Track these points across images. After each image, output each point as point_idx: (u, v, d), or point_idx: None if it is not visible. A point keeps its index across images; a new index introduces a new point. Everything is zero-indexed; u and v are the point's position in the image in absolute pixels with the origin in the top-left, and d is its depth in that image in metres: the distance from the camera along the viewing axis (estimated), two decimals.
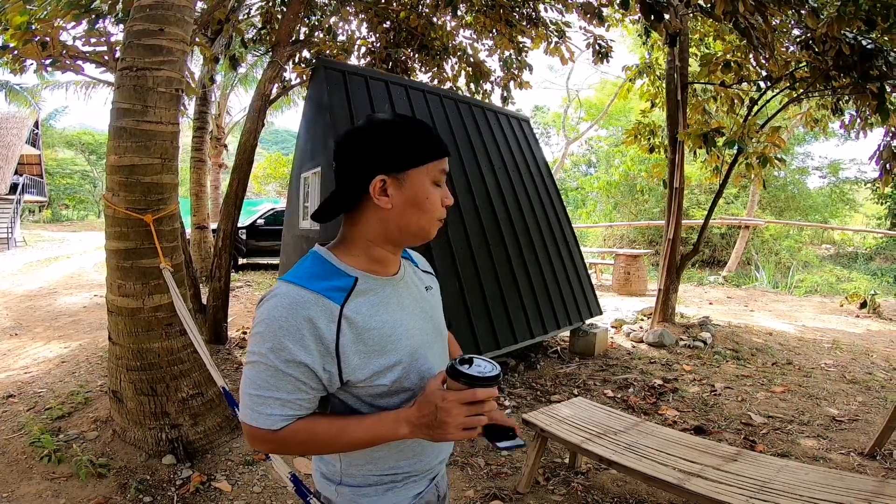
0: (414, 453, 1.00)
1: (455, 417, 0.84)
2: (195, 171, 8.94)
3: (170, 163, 2.83)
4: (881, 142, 5.17)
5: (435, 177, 0.93)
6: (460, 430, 0.85)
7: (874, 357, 5.58)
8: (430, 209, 0.93)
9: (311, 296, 0.86)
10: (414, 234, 0.94)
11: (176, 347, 2.95)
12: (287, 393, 0.86)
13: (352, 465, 0.99)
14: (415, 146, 0.91)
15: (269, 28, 6.33)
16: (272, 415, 0.86)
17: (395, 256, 0.99)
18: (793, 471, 2.15)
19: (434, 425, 0.85)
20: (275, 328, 0.84)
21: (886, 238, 15.06)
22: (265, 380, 0.86)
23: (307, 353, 0.85)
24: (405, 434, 0.88)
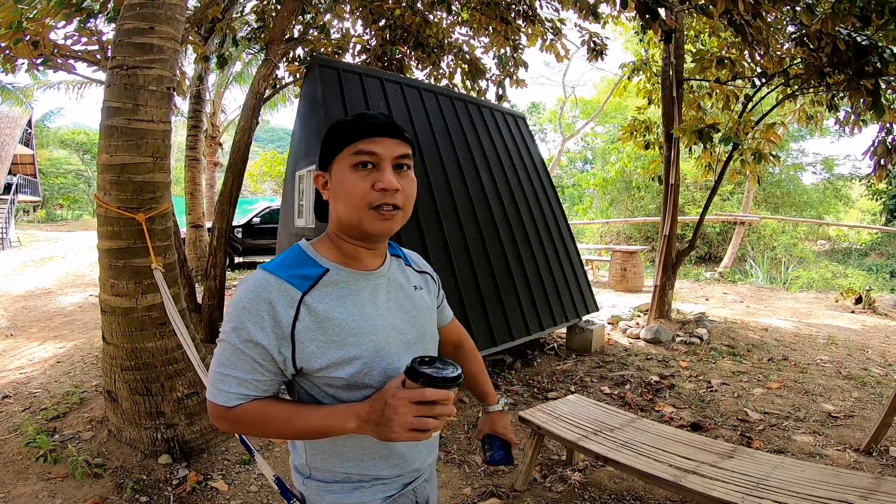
0: (381, 455, 0.98)
1: (402, 416, 0.81)
2: (190, 170, 8.89)
3: (162, 161, 2.81)
4: (875, 137, 5.19)
5: (350, 161, 0.90)
6: (406, 430, 0.82)
7: (870, 353, 5.60)
8: (347, 196, 0.90)
9: (275, 280, 0.89)
10: (348, 223, 0.93)
11: (170, 347, 2.93)
12: (244, 372, 0.88)
13: (317, 459, 0.99)
14: (333, 137, 0.93)
15: (262, 26, 6.30)
16: (228, 392, 0.89)
17: (370, 252, 0.98)
18: (789, 467, 2.15)
19: (381, 422, 0.84)
20: (238, 309, 0.88)
21: (881, 234, 15.12)
22: (227, 358, 0.89)
23: (264, 334, 0.87)
24: (353, 428, 0.87)
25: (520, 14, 6.42)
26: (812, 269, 12.43)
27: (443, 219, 4.56)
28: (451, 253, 4.46)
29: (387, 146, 0.91)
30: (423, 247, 4.29)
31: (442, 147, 4.98)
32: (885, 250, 14.84)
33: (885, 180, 5.38)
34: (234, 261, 11.23)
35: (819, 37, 4.18)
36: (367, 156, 0.90)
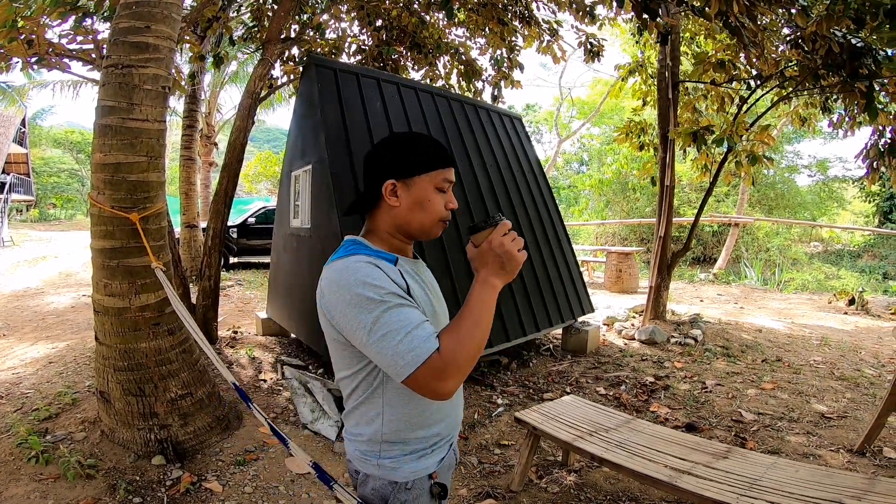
0: (446, 414, 1.18)
1: (511, 246, 1.02)
2: (184, 170, 8.85)
3: (156, 161, 2.80)
4: (868, 140, 5.22)
5: (438, 183, 1.11)
6: (519, 253, 1.03)
7: (862, 354, 5.63)
8: (431, 210, 1.11)
9: (366, 258, 1.04)
10: (417, 230, 1.13)
11: (164, 347, 2.91)
12: (416, 317, 0.99)
13: (392, 431, 1.12)
14: (422, 156, 1.10)
15: (259, 26, 6.28)
16: (426, 340, 0.96)
17: (409, 247, 1.19)
18: (782, 468, 2.16)
19: (506, 261, 1.02)
20: (354, 293, 0.98)
21: (874, 235, 15.23)
22: (391, 320, 0.97)
23: (390, 291, 0.99)
24: (497, 283, 1.03)
25: (516, 15, 6.43)
26: (805, 270, 12.50)
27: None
28: (447, 253, 4.45)
29: (453, 175, 1.16)
30: (419, 247, 4.29)
31: None
32: (877, 252, 14.95)
33: (878, 183, 5.40)
34: (229, 261, 11.19)
35: (814, 39, 4.20)
36: (448, 183, 1.13)
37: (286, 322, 5.22)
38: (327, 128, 4.15)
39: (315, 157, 4.37)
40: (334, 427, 3.39)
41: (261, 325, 5.66)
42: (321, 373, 4.39)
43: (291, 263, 5.07)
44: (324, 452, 3.17)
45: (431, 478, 1.16)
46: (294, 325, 5.01)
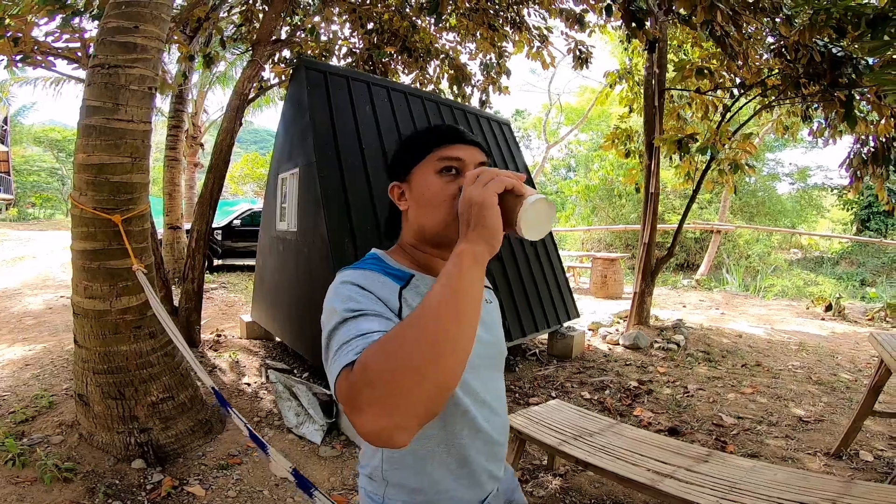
0: (454, 468, 0.94)
1: (472, 190, 0.77)
2: (169, 170, 8.74)
3: (140, 162, 2.77)
4: (850, 149, 5.34)
5: (435, 166, 0.91)
6: (488, 187, 0.76)
7: (839, 359, 5.75)
8: (435, 200, 0.90)
9: (371, 273, 0.88)
10: (434, 230, 0.92)
11: (144, 350, 2.88)
12: (365, 328, 0.74)
13: (393, 471, 0.94)
14: (412, 147, 0.95)
15: (249, 27, 6.25)
16: (349, 352, 0.71)
17: (438, 261, 0.97)
18: (761, 471, 2.20)
19: (468, 214, 0.76)
20: (329, 305, 0.83)
21: (852, 243, 15.59)
22: (339, 338, 0.75)
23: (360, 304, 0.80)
24: (464, 248, 0.73)
25: (507, 21, 6.49)
26: (785, 277, 12.74)
27: None
28: None
29: (469, 152, 0.93)
30: None
31: None
32: (855, 259, 15.31)
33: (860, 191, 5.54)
34: (213, 263, 11.06)
35: (796, 48, 4.29)
36: (454, 161, 0.91)
37: (271, 325, 5.17)
38: (316, 131, 4.14)
39: (303, 160, 4.35)
40: (320, 431, 3.37)
41: (245, 329, 5.60)
42: (306, 376, 4.36)
43: (277, 266, 5.03)
44: (308, 456, 3.14)
45: None
46: (279, 328, 4.97)
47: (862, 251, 15.30)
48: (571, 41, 6.45)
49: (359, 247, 3.95)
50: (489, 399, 0.98)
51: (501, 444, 1.02)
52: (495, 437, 0.99)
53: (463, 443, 0.94)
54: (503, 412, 1.05)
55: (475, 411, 0.94)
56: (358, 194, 4.18)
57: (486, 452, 0.98)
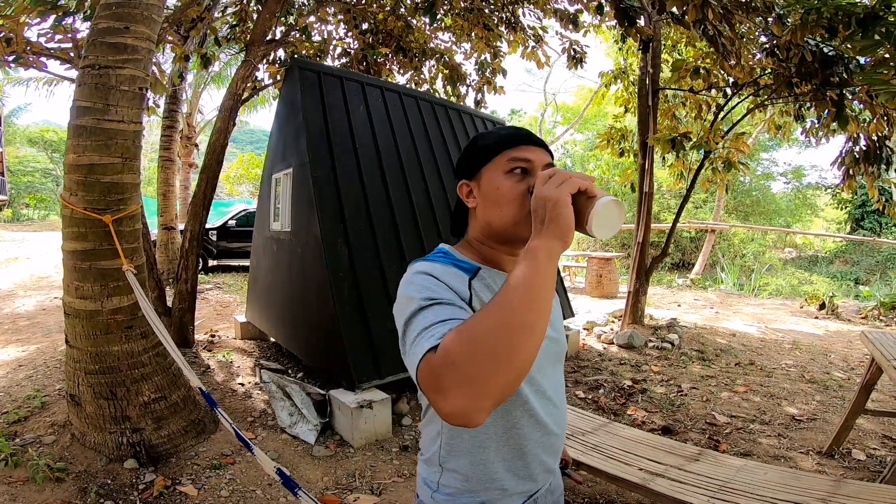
0: (508, 459, 0.97)
1: (547, 188, 0.79)
2: (163, 171, 8.72)
3: (131, 162, 2.77)
4: (843, 148, 5.36)
5: (504, 167, 0.95)
6: (562, 188, 0.78)
7: (832, 357, 5.78)
8: (504, 200, 0.93)
9: (441, 266, 0.91)
10: (502, 228, 0.95)
11: (136, 350, 2.89)
12: (446, 315, 0.78)
13: (451, 457, 0.98)
14: (482, 146, 0.99)
15: (243, 27, 6.23)
16: (430, 337, 0.73)
17: (510, 257, 1.00)
18: (752, 470, 2.21)
19: (542, 211, 0.78)
20: (405, 293, 0.86)
21: (846, 242, 15.67)
22: (417, 325, 0.78)
23: (436, 293, 0.83)
24: (538, 244, 0.76)
25: (503, 21, 6.50)
26: (780, 276, 12.80)
27: (420, 222, 4.57)
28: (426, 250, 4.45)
29: (537, 154, 0.97)
30: (399, 249, 4.29)
31: (421, 151, 5.00)
32: (849, 258, 15.39)
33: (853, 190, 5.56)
34: (208, 264, 11.03)
35: (788, 47, 4.30)
36: (523, 162, 0.94)
37: (266, 326, 5.16)
38: (309, 131, 4.14)
39: (296, 161, 4.34)
40: (313, 431, 3.36)
41: (239, 329, 5.59)
42: (300, 377, 4.35)
43: (271, 267, 5.02)
44: (302, 456, 3.14)
45: None
46: (274, 328, 4.96)
47: (856, 250, 15.38)
48: (566, 41, 6.46)
49: (352, 246, 3.95)
50: (549, 391, 1.02)
51: (558, 437, 1.05)
52: (553, 429, 1.02)
53: (521, 433, 0.97)
54: (562, 405, 1.08)
55: (535, 402, 0.97)
56: (351, 194, 4.18)
57: (543, 444, 1.01)
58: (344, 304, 3.73)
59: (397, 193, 4.55)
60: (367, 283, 3.93)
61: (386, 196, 4.44)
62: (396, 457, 3.17)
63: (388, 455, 3.18)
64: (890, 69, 3.59)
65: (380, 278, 4.05)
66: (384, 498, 2.72)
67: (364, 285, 3.90)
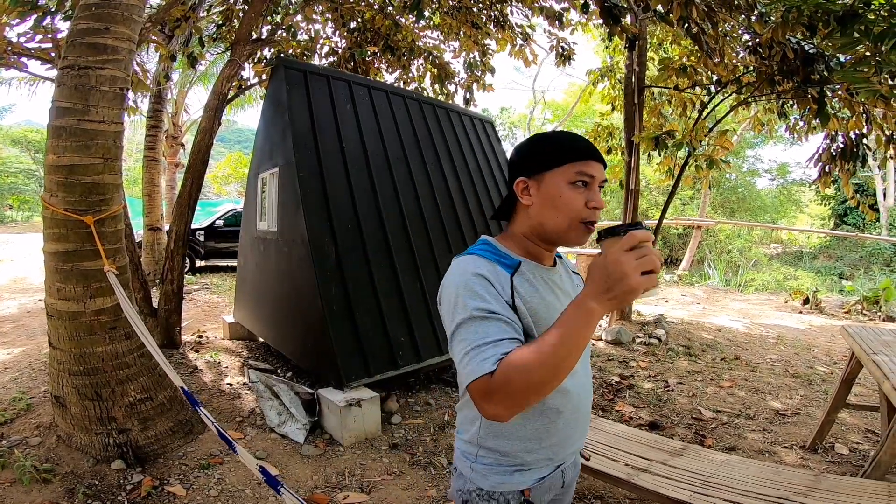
0: (554, 435, 1.10)
1: (628, 263, 0.81)
2: (148, 171, 8.62)
3: (113, 163, 2.75)
4: (820, 144, 5.44)
5: (571, 177, 1.02)
6: (639, 273, 0.80)
7: (815, 352, 5.87)
8: (564, 208, 1.02)
9: (485, 262, 1.00)
10: (552, 231, 1.05)
11: (121, 351, 2.87)
12: (495, 334, 0.91)
13: (489, 437, 1.10)
14: (551, 151, 1.04)
15: (229, 26, 6.17)
16: (485, 359, 0.88)
17: (549, 253, 1.12)
18: (734, 465, 2.24)
19: (613, 283, 0.81)
20: (462, 290, 0.96)
21: (830, 237, 15.89)
22: (473, 332, 0.92)
23: (496, 303, 0.94)
24: (595, 308, 0.83)
25: (491, 19, 6.50)
26: (765, 271, 12.94)
27: (408, 221, 4.57)
28: (415, 255, 4.46)
29: (598, 170, 1.05)
30: (386, 247, 4.28)
31: (408, 150, 4.99)
32: (833, 253, 15.62)
33: (832, 186, 5.65)
34: (196, 264, 10.94)
35: (770, 45, 4.35)
36: (587, 177, 1.03)
37: (254, 326, 5.13)
38: (295, 130, 4.12)
39: (282, 160, 4.32)
40: (302, 430, 3.36)
41: (228, 329, 5.55)
42: (290, 376, 4.33)
43: (258, 266, 5.00)
44: (291, 455, 3.13)
45: (523, 494, 1.11)
46: (262, 328, 4.93)
47: (840, 245, 15.61)
48: (553, 39, 6.48)
49: (339, 245, 3.94)
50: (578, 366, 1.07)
51: (587, 400, 1.17)
52: (581, 396, 1.14)
53: (554, 406, 1.08)
54: (586, 374, 1.20)
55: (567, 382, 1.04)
56: (338, 193, 4.17)
57: (571, 410, 1.11)
58: (331, 302, 3.72)
59: (385, 192, 4.54)
60: (354, 281, 3.92)
61: (373, 195, 4.44)
62: (386, 455, 3.17)
63: (377, 453, 3.18)
64: (869, 67, 3.65)
65: (367, 277, 4.04)
66: (374, 496, 2.72)
67: (352, 284, 3.89)
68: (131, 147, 18.44)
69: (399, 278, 4.23)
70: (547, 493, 1.15)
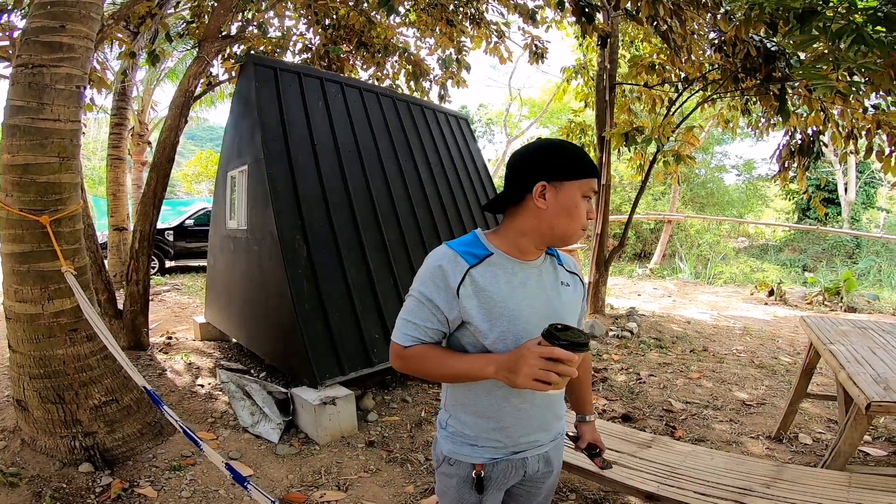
0: (492, 419, 1.21)
1: (531, 366, 0.98)
2: (112, 170, 8.34)
3: (69, 161, 2.69)
4: (781, 141, 5.61)
5: (585, 191, 1.15)
6: (530, 379, 0.98)
7: (780, 342, 6.06)
8: (577, 217, 1.15)
9: (451, 253, 1.17)
10: (560, 235, 1.17)
11: (83, 353, 2.82)
12: (420, 320, 1.15)
13: (456, 407, 1.26)
14: (573, 164, 1.14)
15: (198, 22, 6.01)
16: (406, 334, 1.16)
17: (537, 251, 1.22)
18: (700, 456, 2.29)
19: (513, 369, 1.01)
20: (423, 273, 1.17)
21: (794, 231, 16.42)
22: (411, 309, 1.17)
23: (438, 294, 1.14)
24: (490, 372, 1.07)
25: (467, 16, 6.50)
26: (733, 264, 13.30)
27: (381, 218, 4.54)
28: (388, 251, 4.44)
29: (596, 187, 1.19)
30: (359, 244, 4.25)
31: (382, 147, 4.96)
32: (797, 246, 16.12)
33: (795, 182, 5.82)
34: (165, 265, 10.67)
35: (734, 43, 4.45)
36: (593, 192, 1.18)
37: (226, 326, 5.04)
38: (264, 126, 4.05)
39: (251, 157, 4.24)
40: (276, 430, 3.32)
41: (199, 330, 5.44)
42: (263, 376, 4.28)
43: (229, 265, 4.90)
44: (265, 455, 3.10)
45: (474, 468, 1.23)
46: (234, 328, 4.85)
47: (803, 238, 16.13)
48: (528, 36, 6.52)
49: (311, 243, 3.89)
50: None
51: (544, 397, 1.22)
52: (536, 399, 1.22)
53: (499, 386, 1.17)
54: None
55: None
56: (309, 190, 4.11)
57: (521, 401, 1.21)
58: (303, 300, 3.68)
59: (358, 189, 4.51)
60: (326, 278, 3.89)
61: (346, 192, 4.40)
62: (363, 452, 3.16)
63: (353, 451, 3.17)
64: (827, 64, 3.75)
65: (340, 274, 4.01)
66: (351, 494, 2.71)
67: (324, 281, 3.85)
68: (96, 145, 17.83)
69: (373, 275, 4.21)
70: (504, 478, 1.25)
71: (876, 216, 17.33)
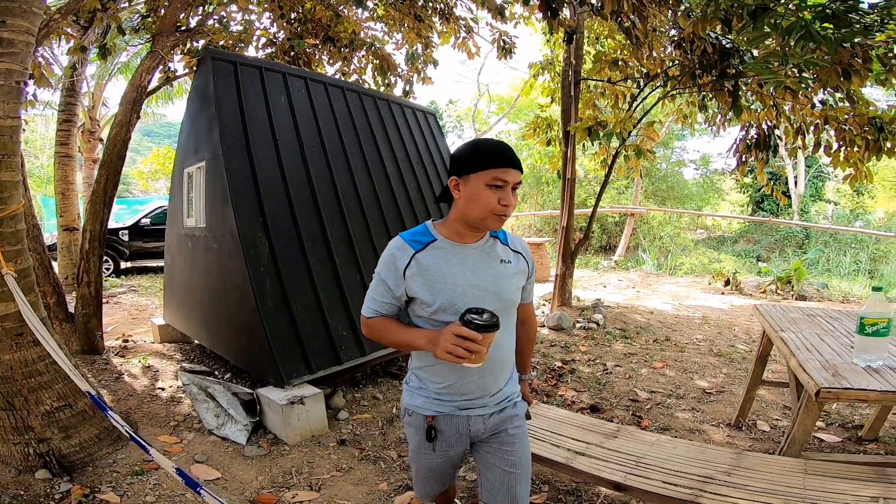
0: (439, 375, 1.47)
1: (445, 342, 1.24)
2: (61, 168, 7.92)
3: (10, 159, 2.55)
4: (738, 136, 5.81)
5: (489, 181, 1.31)
6: (444, 352, 1.25)
7: (736, 330, 6.28)
8: (481, 203, 1.32)
9: (401, 242, 1.42)
10: (474, 219, 1.36)
11: (30, 358, 2.70)
12: (379, 295, 1.44)
13: (416, 365, 1.54)
14: (475, 159, 1.33)
15: (154, 16, 5.75)
16: (369, 307, 1.47)
17: (473, 234, 1.43)
18: (664, 445, 2.33)
19: (435, 342, 1.28)
20: (381, 259, 1.44)
21: (748, 223, 17.09)
22: (373, 286, 1.45)
23: (389, 274, 1.41)
24: (422, 344, 1.34)
25: (436, 11, 6.45)
26: (693, 255, 13.74)
27: (346, 213, 4.48)
28: (354, 246, 4.39)
29: (512, 175, 1.33)
30: (324, 240, 4.18)
31: (347, 142, 4.88)
32: (751, 237, 16.78)
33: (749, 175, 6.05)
34: (120, 266, 10.25)
35: (692, 40, 4.55)
36: (501, 182, 1.32)
37: (186, 327, 4.88)
38: (222, 121, 3.91)
39: (209, 153, 4.10)
40: (244, 431, 3.23)
41: (158, 332, 5.25)
42: (228, 377, 4.16)
43: (187, 265, 4.74)
44: (233, 458, 3.02)
45: (427, 420, 1.48)
46: (195, 330, 4.70)
47: (757, 230, 16.79)
48: (496, 32, 6.52)
49: (273, 239, 3.80)
50: None
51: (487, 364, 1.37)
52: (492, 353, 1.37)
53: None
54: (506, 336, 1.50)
55: None
56: (271, 187, 4.01)
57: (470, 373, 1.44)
58: (266, 299, 3.59)
59: (322, 184, 4.42)
60: (290, 275, 3.80)
61: (310, 187, 4.31)
62: (334, 451, 3.12)
63: (325, 450, 3.12)
64: (778, 59, 3.88)
65: (305, 270, 3.93)
66: (324, 493, 2.67)
67: (288, 278, 3.77)
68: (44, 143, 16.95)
69: (339, 270, 4.15)
70: (453, 433, 1.49)
71: (824, 208, 18.23)
